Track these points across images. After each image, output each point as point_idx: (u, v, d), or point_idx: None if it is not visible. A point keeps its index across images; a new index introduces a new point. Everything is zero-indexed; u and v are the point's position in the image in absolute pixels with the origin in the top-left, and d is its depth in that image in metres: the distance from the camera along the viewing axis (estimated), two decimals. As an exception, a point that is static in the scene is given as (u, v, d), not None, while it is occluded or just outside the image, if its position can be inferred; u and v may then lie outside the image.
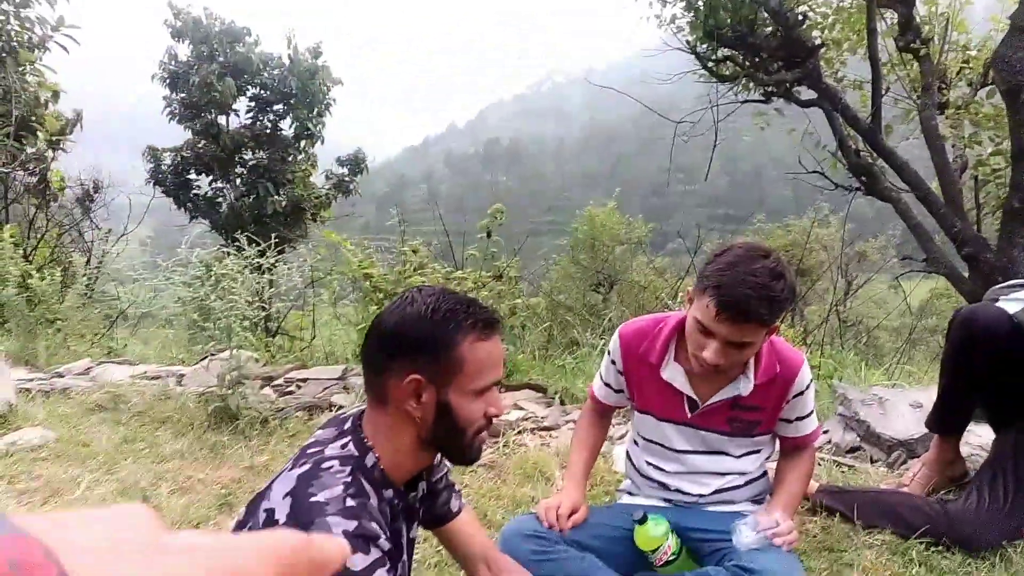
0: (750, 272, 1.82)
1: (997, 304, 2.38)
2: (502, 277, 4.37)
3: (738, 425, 2.14)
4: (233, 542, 0.31)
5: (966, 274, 6.61)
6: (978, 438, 2.84)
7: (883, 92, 6.78)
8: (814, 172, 7.37)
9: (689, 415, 2.15)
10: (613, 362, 2.26)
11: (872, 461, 2.96)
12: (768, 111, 7.39)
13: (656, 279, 15.26)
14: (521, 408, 3.90)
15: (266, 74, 13.53)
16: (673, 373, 2.14)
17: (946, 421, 2.60)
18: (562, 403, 4.02)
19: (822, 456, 2.98)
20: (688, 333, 1.98)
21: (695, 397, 2.12)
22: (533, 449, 3.40)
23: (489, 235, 4.41)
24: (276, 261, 7.15)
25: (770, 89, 6.99)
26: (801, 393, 2.12)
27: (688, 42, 6.77)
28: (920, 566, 2.22)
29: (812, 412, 2.18)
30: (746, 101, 7.43)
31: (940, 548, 2.28)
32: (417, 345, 1.36)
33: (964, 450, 2.76)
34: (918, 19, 6.79)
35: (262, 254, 11.65)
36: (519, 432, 3.61)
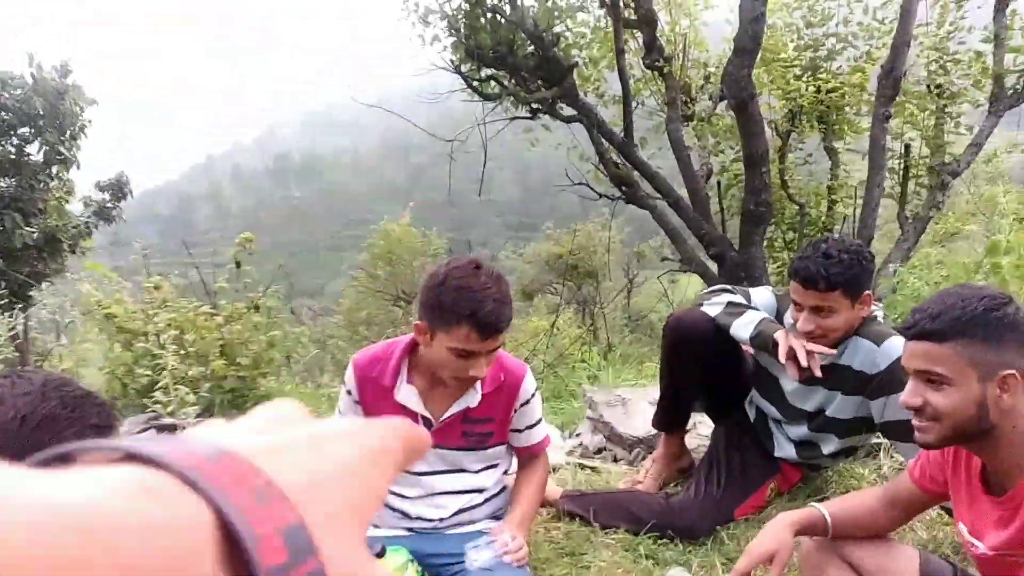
0: (486, 289, 1.91)
1: (701, 308, 2.62)
2: (259, 308, 4.18)
3: (473, 438, 2.18)
4: (372, 425, 0.35)
5: (716, 270, 7.30)
6: (708, 430, 3.11)
7: (634, 107, 7.30)
8: (580, 184, 7.79)
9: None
10: (349, 392, 2.22)
11: (616, 460, 3.16)
12: (536, 127, 7.70)
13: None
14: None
15: (6, 95, 12.11)
16: (407, 394, 2.14)
17: (668, 419, 2.83)
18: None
19: (570, 460, 3.14)
20: (444, 364, 1.98)
21: (429, 416, 2.14)
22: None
23: (239, 265, 4.20)
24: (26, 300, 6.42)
25: (535, 106, 7.29)
26: (527, 402, 2.20)
27: (452, 62, 6.91)
28: (648, 559, 2.39)
29: (540, 420, 2.27)
30: (514, 118, 7.70)
31: (665, 540, 2.47)
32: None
33: (693, 442, 3.03)
34: (662, 39, 7.40)
35: (13, 293, 10.39)
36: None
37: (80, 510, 0.22)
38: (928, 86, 7.44)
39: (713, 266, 7.32)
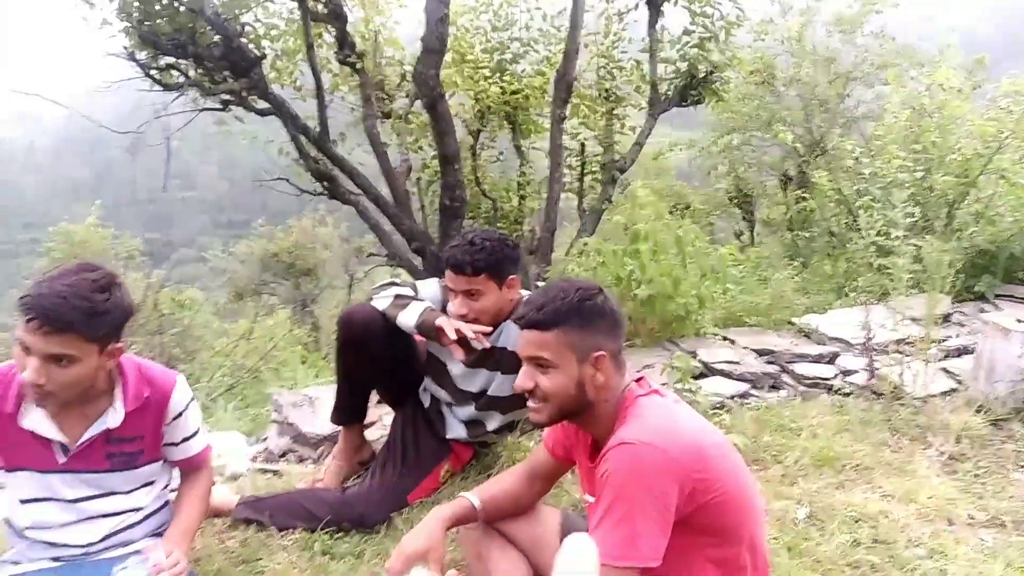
0: (66, 283, 1.75)
1: (371, 302, 2.69)
2: None
3: (119, 459, 2.03)
4: None
5: (420, 264, 7.51)
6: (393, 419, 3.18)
7: (329, 102, 7.23)
8: (279, 179, 7.57)
9: (64, 460, 1.97)
10: None
11: (302, 461, 3.13)
12: (228, 119, 7.32)
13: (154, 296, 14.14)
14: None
15: None
16: (35, 419, 1.93)
17: (345, 413, 2.88)
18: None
19: (251, 466, 3.05)
20: (15, 357, 1.81)
21: (64, 441, 1.95)
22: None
23: None
24: None
25: (225, 98, 6.93)
26: (180, 414, 2.09)
27: (125, 48, 6.31)
28: (324, 555, 2.40)
29: (198, 431, 2.17)
30: (203, 109, 7.24)
31: (341, 533, 2.50)
32: None
33: (376, 433, 3.09)
34: (354, 36, 7.40)
35: None
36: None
37: None
38: (598, 90, 8.31)
39: (416, 260, 7.53)
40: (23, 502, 2.01)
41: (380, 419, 3.11)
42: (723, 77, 7.91)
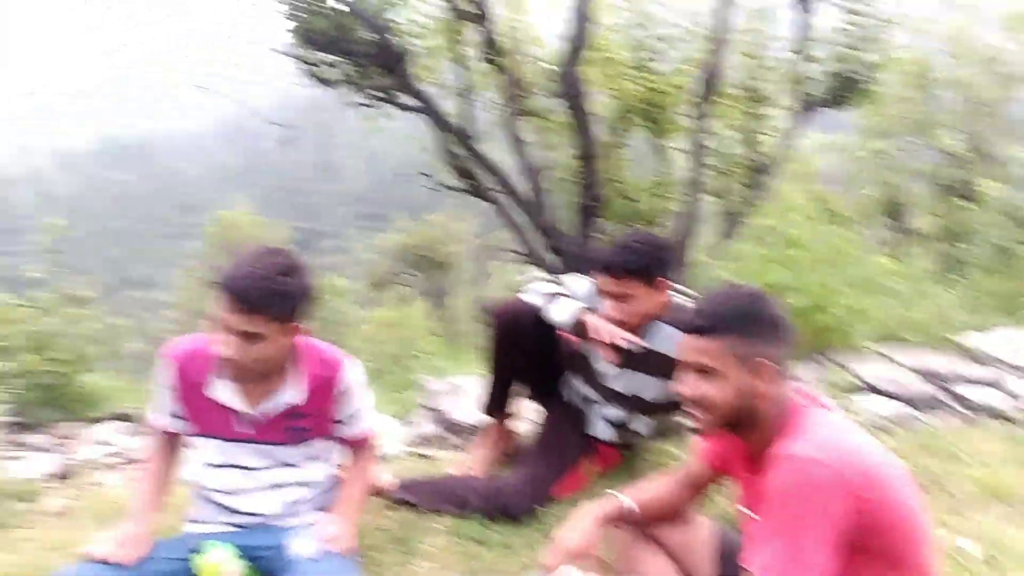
0: (256, 265, 1.89)
1: (522, 297, 2.76)
2: (78, 300, 3.93)
3: (294, 433, 2.17)
4: None
5: (557, 262, 7.57)
6: (536, 413, 3.25)
7: (474, 100, 7.41)
8: (422, 174, 7.82)
9: (246, 430, 2.14)
10: (166, 388, 2.17)
11: (451, 448, 3.25)
12: (378, 117, 7.63)
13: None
14: (107, 443, 3.55)
15: None
16: (222, 391, 2.11)
17: (493, 404, 2.96)
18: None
19: (405, 449, 3.20)
20: (212, 334, 1.98)
21: (249, 411, 2.11)
22: (114, 487, 3.12)
23: (52, 254, 3.93)
24: None
25: (375, 94, 7.23)
26: (347, 393, 2.21)
27: (287, 44, 6.73)
28: (472, 541, 2.49)
29: (365, 411, 2.29)
30: (357, 104, 7.59)
31: (491, 522, 2.57)
32: None
33: (519, 425, 3.16)
34: (498, 35, 7.54)
35: None
36: (99, 470, 3.29)
37: None
38: (743, 90, 8.07)
39: (554, 258, 7.59)
40: (208, 466, 2.19)
41: (522, 411, 3.17)
42: (876, 78, 7.50)
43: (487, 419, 3.01)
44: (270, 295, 1.89)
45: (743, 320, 1.65)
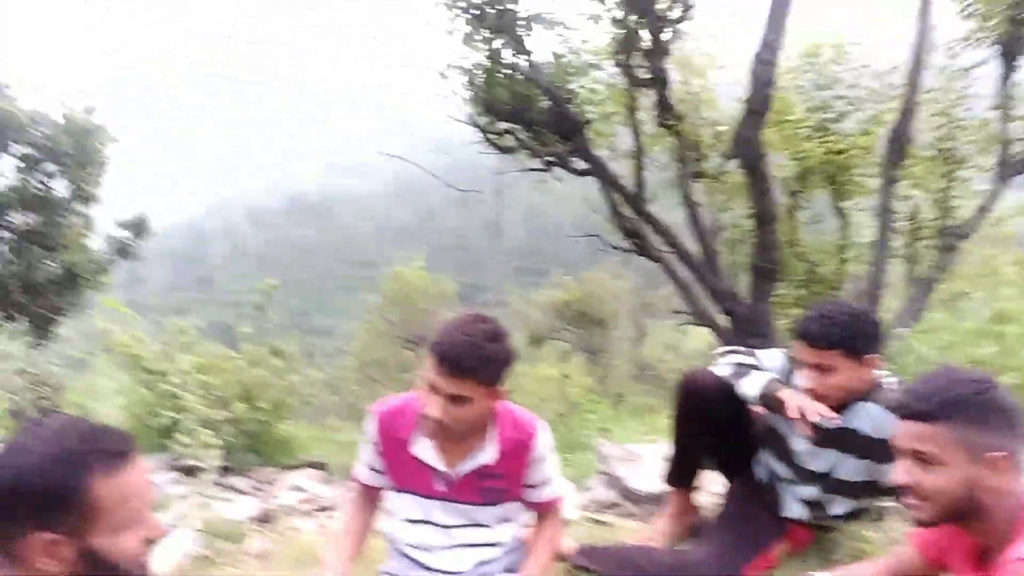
0: (466, 332, 1.99)
1: (711, 368, 2.71)
2: (279, 354, 4.29)
3: (488, 494, 2.23)
4: None
5: (726, 323, 7.37)
6: (719, 487, 3.16)
7: (645, 163, 7.47)
8: (590, 235, 7.93)
9: (443, 489, 2.22)
10: (370, 443, 2.29)
11: (628, 516, 3.21)
12: (547, 178, 7.88)
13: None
14: (301, 489, 3.81)
15: (35, 132, 12.46)
16: (423, 448, 2.20)
17: (678, 476, 2.89)
18: (345, 478, 3.97)
19: (582, 514, 3.19)
20: (421, 395, 2.09)
21: (446, 470, 2.19)
22: (309, 533, 3.32)
23: (262, 310, 4.34)
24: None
25: (548, 159, 7.48)
26: (541, 458, 2.25)
27: (469, 115, 7.13)
28: (655, 613, 2.43)
29: (553, 477, 2.33)
30: (530, 170, 7.88)
31: (673, 595, 2.51)
32: (42, 502, 1.22)
33: (707, 499, 3.07)
34: (673, 98, 7.61)
35: (36, 327, 10.48)
36: (295, 515, 3.52)
37: None
38: (936, 150, 7.61)
39: (722, 320, 7.40)
40: (405, 521, 2.29)
41: (707, 485, 3.08)
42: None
43: (669, 489, 2.95)
44: (479, 360, 1.98)
45: (970, 407, 1.54)
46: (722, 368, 2.68)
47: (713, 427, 2.71)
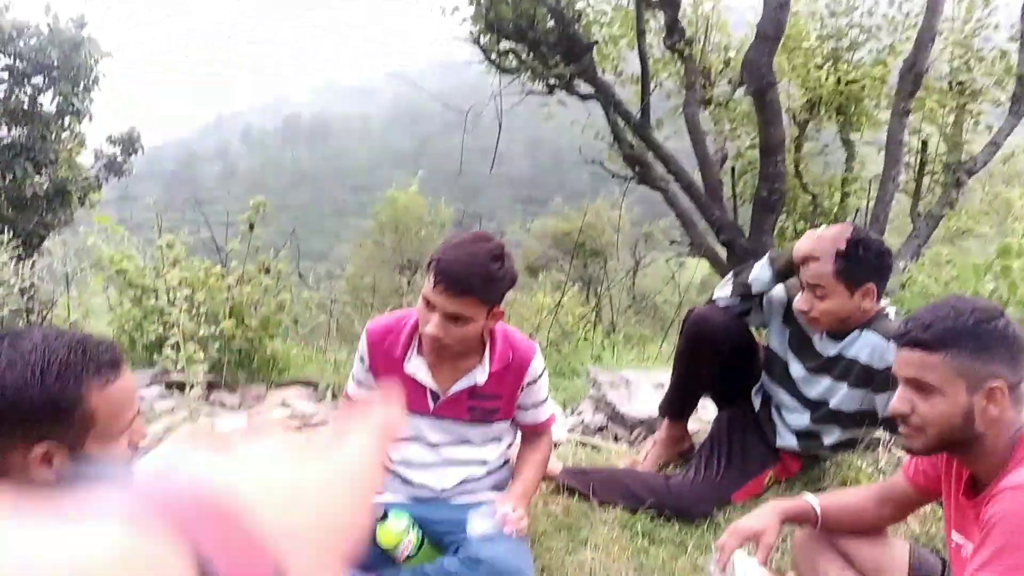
0: (469, 251, 1.95)
1: (715, 302, 2.65)
2: (270, 271, 4.21)
3: (478, 413, 2.21)
4: (353, 449, 0.47)
5: (724, 257, 7.30)
6: (708, 414, 3.14)
7: (652, 89, 7.25)
8: (593, 162, 7.77)
9: (433, 406, 2.19)
10: (362, 359, 2.26)
11: (616, 439, 3.20)
12: (550, 102, 7.67)
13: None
14: (287, 406, 3.79)
15: (21, 43, 12.03)
16: (416, 366, 2.17)
17: (676, 407, 2.87)
18: (334, 398, 3.96)
19: (571, 436, 3.18)
20: (418, 312, 2.03)
21: (436, 389, 2.16)
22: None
23: (252, 228, 4.24)
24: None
25: (552, 82, 7.26)
26: (535, 381, 2.23)
27: (471, 33, 6.88)
28: (643, 537, 2.43)
29: (547, 399, 2.30)
30: (529, 92, 7.66)
31: (662, 519, 2.51)
32: (34, 415, 1.20)
33: (693, 426, 3.05)
34: (684, 21, 7.33)
35: (25, 243, 10.38)
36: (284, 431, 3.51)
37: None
38: (950, 83, 7.38)
39: (722, 251, 7.33)
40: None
41: (698, 411, 3.05)
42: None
43: (662, 417, 2.93)
44: (480, 279, 1.94)
45: (973, 336, 1.49)
46: (722, 290, 2.65)
47: (718, 364, 2.68)
